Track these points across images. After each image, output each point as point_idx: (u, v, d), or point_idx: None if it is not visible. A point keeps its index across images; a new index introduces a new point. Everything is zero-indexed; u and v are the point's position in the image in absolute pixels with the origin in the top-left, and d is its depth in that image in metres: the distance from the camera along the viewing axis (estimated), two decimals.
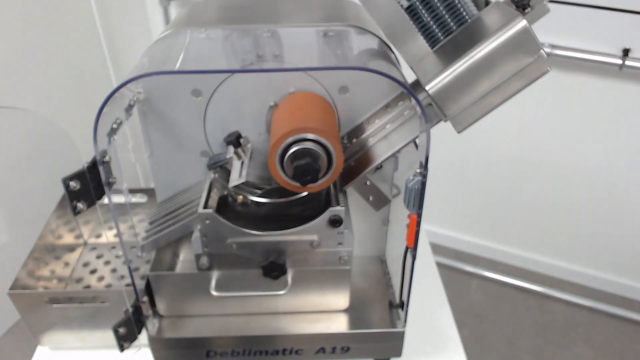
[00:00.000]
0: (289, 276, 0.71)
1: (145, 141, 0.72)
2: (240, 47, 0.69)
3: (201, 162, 0.73)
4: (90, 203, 0.58)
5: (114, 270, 0.88)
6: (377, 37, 0.73)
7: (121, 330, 0.69)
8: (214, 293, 0.70)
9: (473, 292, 1.87)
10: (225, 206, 0.73)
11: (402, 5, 0.61)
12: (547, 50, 1.42)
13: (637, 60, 1.37)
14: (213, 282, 0.70)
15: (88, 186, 0.57)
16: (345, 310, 0.77)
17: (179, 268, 0.82)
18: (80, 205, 0.58)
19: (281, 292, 0.70)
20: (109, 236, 0.95)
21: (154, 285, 0.71)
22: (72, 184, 0.56)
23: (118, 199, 0.63)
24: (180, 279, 0.72)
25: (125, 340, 0.71)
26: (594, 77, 1.49)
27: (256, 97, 0.68)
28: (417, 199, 0.61)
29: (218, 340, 0.72)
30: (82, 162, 0.56)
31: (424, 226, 0.68)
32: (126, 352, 0.76)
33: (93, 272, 0.88)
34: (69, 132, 0.57)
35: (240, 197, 0.73)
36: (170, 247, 0.80)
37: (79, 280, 0.86)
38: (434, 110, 0.61)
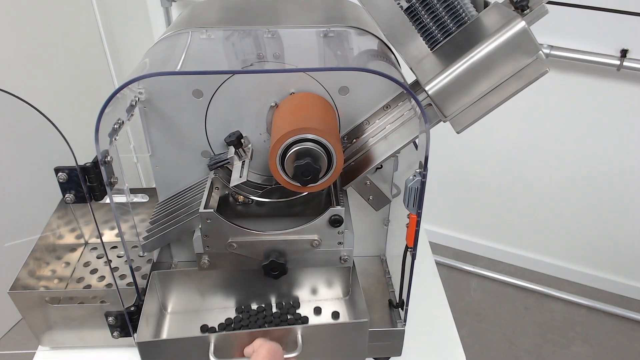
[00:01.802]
0: (299, 335, 0.67)
1: (147, 141, 0.72)
2: (241, 47, 0.69)
3: (202, 162, 0.73)
4: (81, 197, 0.59)
5: (115, 269, 0.88)
6: (377, 38, 0.74)
7: (110, 319, 0.71)
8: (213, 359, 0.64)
9: (472, 292, 1.87)
10: (226, 206, 0.73)
11: (401, 7, 0.61)
12: (546, 51, 1.42)
13: (635, 61, 1.37)
14: (212, 346, 0.64)
15: (77, 179, 0.58)
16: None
17: (168, 323, 0.76)
18: (70, 196, 0.59)
19: (293, 355, 0.65)
20: (109, 236, 0.95)
21: (145, 356, 0.64)
22: (61, 175, 0.57)
23: (120, 198, 0.64)
24: (175, 345, 0.65)
25: (115, 329, 0.72)
26: (593, 78, 1.49)
27: (257, 98, 0.68)
28: (416, 199, 0.61)
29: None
30: (72, 158, 0.57)
31: (423, 226, 0.69)
32: (125, 351, 0.77)
33: (94, 272, 0.88)
34: (71, 132, 0.57)
35: (241, 197, 0.73)
36: (156, 298, 0.75)
37: (79, 280, 0.86)
38: (433, 110, 0.61)
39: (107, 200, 0.61)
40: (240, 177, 0.64)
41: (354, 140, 0.70)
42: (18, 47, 1.49)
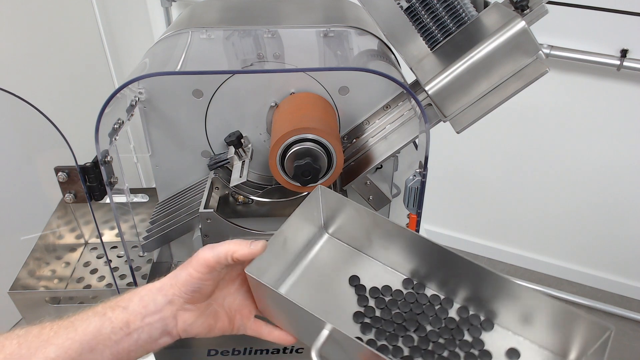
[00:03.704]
0: None
1: (147, 141, 0.72)
2: (241, 47, 0.69)
3: (202, 162, 0.73)
4: (81, 197, 0.59)
5: (115, 269, 0.88)
6: (377, 38, 0.74)
7: None
8: None
9: None
10: (226, 206, 0.73)
11: (401, 7, 0.61)
12: (546, 51, 1.42)
13: (635, 61, 1.37)
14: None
15: (77, 179, 0.58)
16: None
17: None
18: (70, 196, 0.60)
19: None
20: (109, 236, 0.95)
21: None
22: (61, 174, 0.58)
23: (120, 198, 0.64)
24: None
25: None
26: (592, 77, 1.49)
27: (257, 98, 0.68)
28: (416, 199, 0.61)
29: (219, 339, 0.72)
30: (72, 158, 0.57)
31: (423, 226, 0.68)
32: None
33: (94, 272, 0.88)
34: (71, 132, 0.58)
35: (241, 196, 0.73)
36: None
37: (79, 280, 0.86)
38: (433, 110, 0.61)
39: (107, 200, 0.61)
40: (240, 177, 0.64)
41: (354, 140, 0.70)
42: (18, 47, 1.49)
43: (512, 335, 0.51)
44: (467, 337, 0.51)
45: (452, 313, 0.53)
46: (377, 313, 0.53)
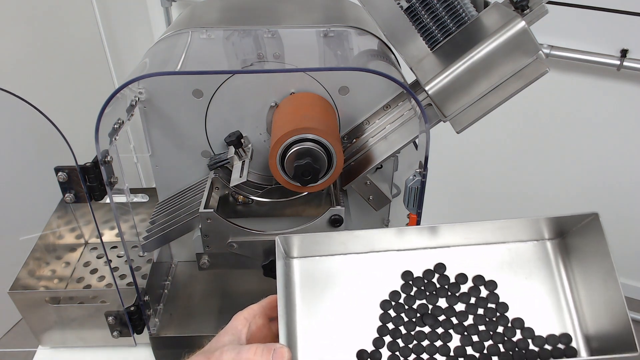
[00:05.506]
0: None
1: (147, 141, 0.72)
2: (241, 47, 0.69)
3: (202, 162, 0.73)
4: (81, 197, 0.59)
5: (115, 269, 0.88)
6: (377, 38, 0.74)
7: (110, 319, 0.71)
8: None
9: None
10: (226, 206, 0.73)
11: (401, 7, 0.62)
12: (546, 51, 1.42)
13: (635, 61, 1.37)
14: None
15: (77, 179, 0.58)
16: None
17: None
18: (70, 196, 0.59)
19: None
20: (109, 236, 0.95)
21: None
22: (61, 174, 0.58)
23: (120, 198, 0.64)
24: None
25: (115, 329, 0.73)
26: (593, 77, 1.49)
27: (257, 98, 0.68)
28: (416, 199, 0.61)
29: None
30: (72, 158, 0.57)
31: (423, 225, 0.68)
32: (125, 351, 0.77)
33: (94, 272, 0.88)
34: (71, 132, 0.57)
35: (241, 196, 0.73)
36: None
37: (79, 280, 0.86)
38: (433, 110, 0.61)
39: (107, 200, 0.61)
40: (240, 177, 0.64)
41: (354, 140, 0.70)
42: (18, 47, 1.49)
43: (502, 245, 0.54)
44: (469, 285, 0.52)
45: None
46: (405, 318, 0.51)
